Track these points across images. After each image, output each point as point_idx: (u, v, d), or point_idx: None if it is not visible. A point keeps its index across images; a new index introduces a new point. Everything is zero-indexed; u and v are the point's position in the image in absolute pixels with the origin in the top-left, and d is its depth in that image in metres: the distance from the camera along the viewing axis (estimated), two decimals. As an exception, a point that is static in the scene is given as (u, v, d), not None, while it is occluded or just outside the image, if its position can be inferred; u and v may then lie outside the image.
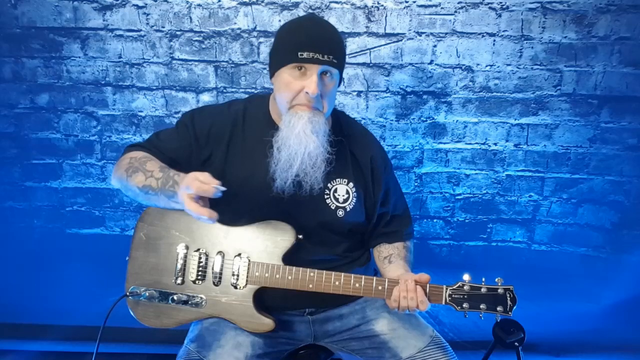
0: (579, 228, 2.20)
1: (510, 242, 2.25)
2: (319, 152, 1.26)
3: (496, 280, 1.25)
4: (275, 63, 1.27)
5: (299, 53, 1.18)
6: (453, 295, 1.25)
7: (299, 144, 1.24)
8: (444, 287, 1.26)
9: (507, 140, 2.12)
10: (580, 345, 2.30)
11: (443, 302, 1.25)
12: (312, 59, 1.18)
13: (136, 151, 1.34)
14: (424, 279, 1.24)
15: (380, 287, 1.27)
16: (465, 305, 1.24)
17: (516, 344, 1.61)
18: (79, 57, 2.03)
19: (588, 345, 2.30)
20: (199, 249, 1.33)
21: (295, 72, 1.21)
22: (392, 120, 2.10)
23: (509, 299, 1.23)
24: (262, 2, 1.96)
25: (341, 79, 1.32)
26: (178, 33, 2.00)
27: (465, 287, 1.24)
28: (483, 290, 1.24)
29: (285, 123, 1.26)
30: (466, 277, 1.26)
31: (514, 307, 1.23)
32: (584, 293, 2.26)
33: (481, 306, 1.23)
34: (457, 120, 2.10)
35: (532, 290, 2.20)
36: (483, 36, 1.98)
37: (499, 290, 1.23)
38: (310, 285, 1.29)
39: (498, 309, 1.23)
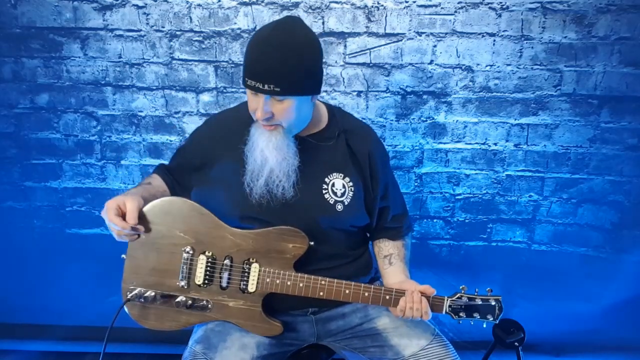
0: (579, 228, 2.20)
1: (510, 242, 2.25)
2: (284, 165, 1.29)
3: (487, 290, 1.35)
4: None
5: (246, 79, 1.20)
6: (452, 306, 1.33)
7: (263, 158, 1.28)
8: (445, 298, 1.32)
9: (507, 140, 2.12)
10: (580, 345, 2.30)
11: (443, 312, 1.33)
12: (255, 87, 1.19)
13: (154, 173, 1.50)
14: (429, 292, 1.31)
15: (387, 297, 1.31)
16: (461, 314, 1.34)
17: (516, 344, 1.62)
18: (79, 57, 2.03)
19: (588, 345, 2.30)
20: (205, 252, 1.32)
21: (250, 92, 1.24)
22: (392, 120, 2.10)
23: (497, 308, 1.33)
24: (262, 2, 1.96)
25: (314, 93, 1.27)
26: (178, 33, 2.00)
27: (463, 299, 1.33)
28: (478, 301, 1.33)
29: (251, 135, 1.31)
30: (462, 287, 1.35)
31: (500, 315, 1.35)
32: (584, 293, 2.26)
33: (474, 315, 1.34)
34: (457, 120, 2.10)
35: (532, 290, 2.21)
36: (483, 36, 1.98)
37: (490, 301, 1.33)
38: (321, 293, 1.30)
39: (488, 317, 1.34)
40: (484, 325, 1.36)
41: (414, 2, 1.95)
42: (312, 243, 1.30)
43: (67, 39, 2.01)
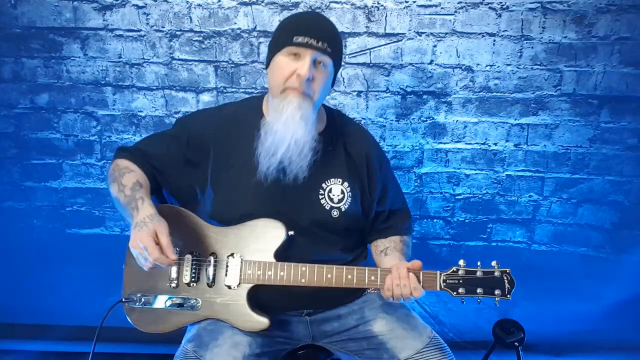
0: (579, 228, 2.20)
1: (510, 242, 2.25)
2: (307, 139, 1.26)
3: (492, 263, 1.22)
4: (272, 50, 1.29)
5: (295, 37, 1.20)
6: (447, 281, 1.23)
7: (285, 130, 1.23)
8: (438, 272, 1.25)
9: (507, 140, 2.12)
10: (580, 345, 2.30)
11: (438, 288, 1.23)
12: (307, 44, 1.20)
13: (122, 159, 1.37)
14: (416, 266, 1.24)
15: (373, 277, 1.27)
16: (461, 290, 1.21)
17: (516, 344, 1.62)
18: (79, 57, 2.03)
19: (588, 345, 2.30)
20: (192, 252, 1.34)
21: (290, 57, 1.23)
22: (392, 120, 2.10)
23: (506, 281, 1.20)
24: (262, 2, 1.96)
25: (335, 76, 1.32)
26: (178, 33, 2.00)
27: (460, 272, 1.23)
28: (479, 274, 1.22)
29: (274, 107, 1.26)
30: (461, 262, 1.24)
31: (513, 290, 1.20)
32: (584, 293, 2.26)
33: (478, 290, 1.21)
34: (457, 120, 2.10)
35: (532, 290, 2.21)
36: (483, 36, 1.98)
37: (495, 274, 1.21)
38: (303, 280, 1.29)
39: (496, 292, 1.21)
40: (496, 303, 1.21)
41: (414, 2, 1.95)
42: (291, 233, 1.31)
43: (67, 39, 2.01)
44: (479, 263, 1.25)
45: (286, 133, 1.23)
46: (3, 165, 2.17)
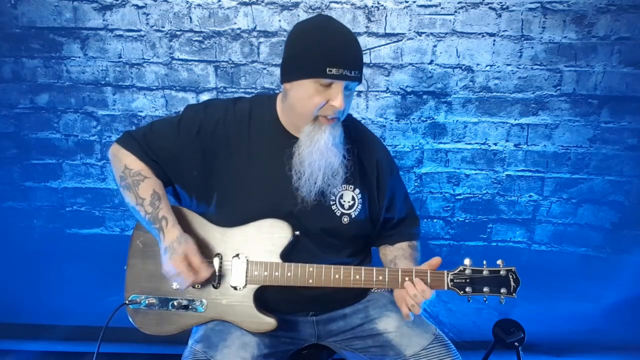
0: (579, 228, 2.20)
1: (510, 242, 2.25)
2: (339, 161, 1.29)
3: (497, 262, 1.24)
4: (296, 72, 1.22)
5: (328, 69, 1.16)
6: (455, 280, 1.25)
7: (321, 158, 1.26)
8: (445, 272, 1.26)
9: (507, 140, 2.12)
10: (580, 345, 2.30)
11: (445, 288, 1.25)
12: (340, 76, 1.17)
13: (129, 152, 1.32)
14: (426, 267, 1.27)
15: (380, 277, 1.28)
16: (468, 289, 1.23)
17: (516, 344, 1.62)
18: (79, 57, 2.03)
19: (588, 345, 2.30)
20: None
21: (321, 86, 1.19)
22: (392, 120, 2.10)
23: (512, 280, 1.22)
24: (262, 2, 1.96)
25: None
26: (178, 33, 2.00)
27: (467, 271, 1.24)
28: (485, 273, 1.24)
29: (307, 136, 1.26)
30: (467, 261, 1.26)
31: (518, 289, 1.22)
32: (584, 293, 2.26)
33: (484, 289, 1.23)
34: (457, 120, 2.10)
35: (532, 290, 2.20)
36: (483, 36, 1.98)
37: (501, 272, 1.23)
38: (310, 280, 1.28)
39: (502, 290, 1.22)
40: (502, 301, 1.23)
41: (414, 2, 1.95)
42: (297, 233, 1.30)
43: (67, 39, 2.01)
44: (484, 262, 1.26)
45: (321, 161, 1.26)
46: (3, 165, 2.17)
